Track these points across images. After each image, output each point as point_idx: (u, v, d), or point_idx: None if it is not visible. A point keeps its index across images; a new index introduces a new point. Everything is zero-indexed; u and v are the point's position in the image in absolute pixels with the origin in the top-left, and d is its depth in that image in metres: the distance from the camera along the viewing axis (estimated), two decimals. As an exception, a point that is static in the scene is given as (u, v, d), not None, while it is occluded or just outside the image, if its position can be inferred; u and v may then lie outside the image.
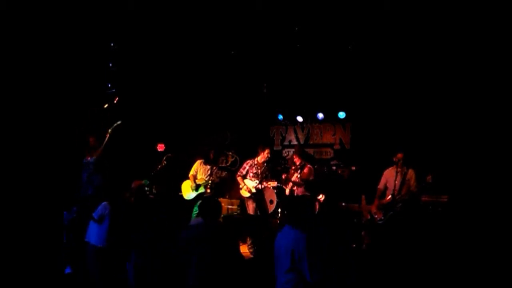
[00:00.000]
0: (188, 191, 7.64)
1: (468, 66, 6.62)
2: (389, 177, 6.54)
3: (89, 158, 6.58)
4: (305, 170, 7.22)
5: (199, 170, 7.65)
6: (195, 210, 7.23)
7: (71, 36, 6.91)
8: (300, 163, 7.31)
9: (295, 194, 7.16)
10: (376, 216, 6.41)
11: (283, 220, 6.07)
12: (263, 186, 7.50)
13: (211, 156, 7.68)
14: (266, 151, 7.53)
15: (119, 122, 6.75)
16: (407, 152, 6.51)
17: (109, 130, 6.64)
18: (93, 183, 6.40)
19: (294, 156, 7.54)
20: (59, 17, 6.59)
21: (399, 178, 6.37)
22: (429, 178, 6.03)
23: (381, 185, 6.65)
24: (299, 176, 7.19)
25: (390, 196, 6.39)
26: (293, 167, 7.43)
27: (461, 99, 6.84)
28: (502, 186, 6.18)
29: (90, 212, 5.22)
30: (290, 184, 7.28)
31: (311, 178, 7.20)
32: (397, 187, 6.36)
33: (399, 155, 6.43)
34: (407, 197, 6.25)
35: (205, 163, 7.66)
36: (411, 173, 6.37)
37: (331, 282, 3.68)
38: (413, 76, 7.21)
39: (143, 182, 6.30)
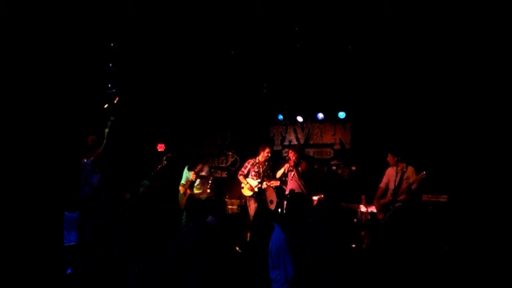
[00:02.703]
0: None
1: (468, 66, 6.62)
2: (390, 176, 6.56)
3: (85, 160, 6.53)
4: (302, 163, 7.23)
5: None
6: (185, 215, 7.19)
7: (71, 36, 6.91)
8: (296, 158, 7.29)
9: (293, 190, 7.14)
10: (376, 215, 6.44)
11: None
12: (265, 186, 7.51)
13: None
14: (267, 150, 7.53)
15: (112, 118, 6.67)
16: (407, 152, 6.53)
17: (106, 130, 6.59)
18: (92, 184, 6.37)
19: (290, 151, 7.51)
20: (59, 17, 6.59)
21: (398, 177, 6.39)
22: (423, 174, 6.08)
23: (382, 184, 6.66)
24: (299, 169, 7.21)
25: (390, 196, 6.41)
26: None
27: (461, 98, 6.84)
28: (502, 186, 6.18)
29: (88, 214, 5.21)
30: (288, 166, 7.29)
31: (307, 171, 7.21)
32: (397, 187, 6.37)
33: (388, 158, 6.51)
34: (406, 197, 6.26)
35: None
36: (410, 171, 6.37)
37: (331, 282, 3.68)
38: (413, 76, 7.22)
39: None
